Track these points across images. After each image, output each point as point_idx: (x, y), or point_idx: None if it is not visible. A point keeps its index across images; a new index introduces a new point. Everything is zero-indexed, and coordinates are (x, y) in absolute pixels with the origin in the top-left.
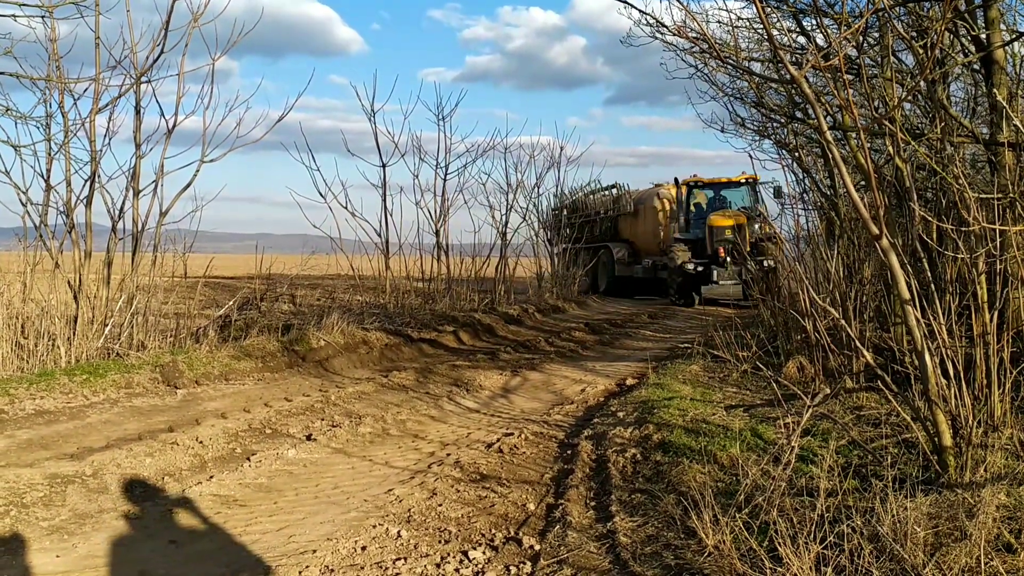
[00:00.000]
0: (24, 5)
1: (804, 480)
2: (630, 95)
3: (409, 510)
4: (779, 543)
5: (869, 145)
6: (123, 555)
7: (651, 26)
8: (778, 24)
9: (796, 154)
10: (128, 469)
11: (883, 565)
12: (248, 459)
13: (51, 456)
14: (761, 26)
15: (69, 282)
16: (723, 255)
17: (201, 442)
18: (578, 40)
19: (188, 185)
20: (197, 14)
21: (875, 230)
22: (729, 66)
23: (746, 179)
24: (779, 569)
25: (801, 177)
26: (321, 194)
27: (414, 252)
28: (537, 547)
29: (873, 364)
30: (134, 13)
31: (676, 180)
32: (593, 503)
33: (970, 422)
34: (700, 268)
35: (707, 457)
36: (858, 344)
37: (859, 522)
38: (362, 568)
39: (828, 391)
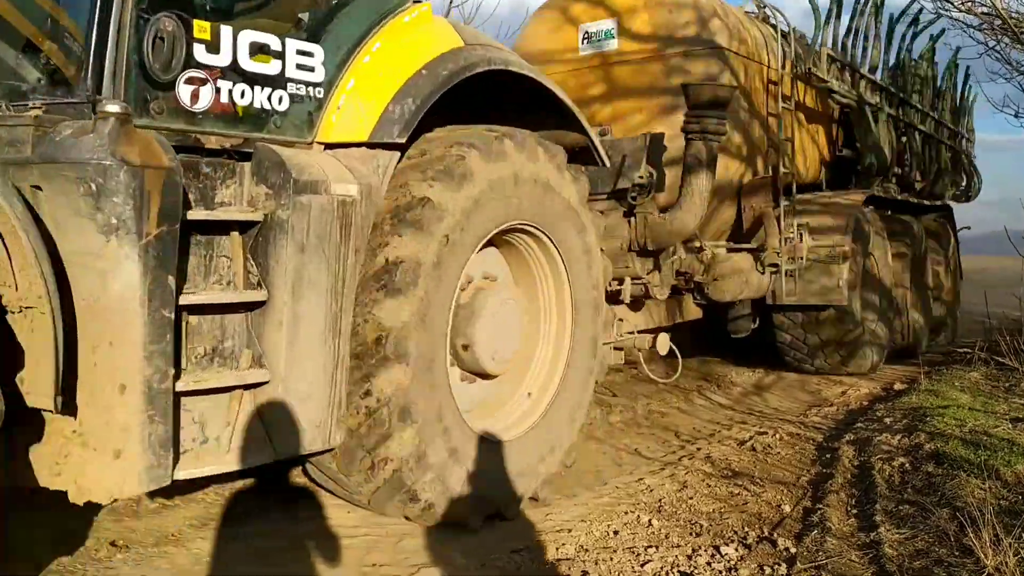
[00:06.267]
0: None
1: None
2: None
3: (660, 500)
4: None
5: None
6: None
7: (936, 2)
8: None
9: None
10: None
11: None
12: None
13: None
14: None
15: None
16: None
17: None
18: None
19: None
20: None
21: None
22: None
23: None
24: None
25: None
26: None
27: None
28: (793, 550)
29: None
30: None
31: None
32: (855, 511)
33: None
34: None
35: (988, 472)
36: None
37: None
38: (615, 551)
39: None
